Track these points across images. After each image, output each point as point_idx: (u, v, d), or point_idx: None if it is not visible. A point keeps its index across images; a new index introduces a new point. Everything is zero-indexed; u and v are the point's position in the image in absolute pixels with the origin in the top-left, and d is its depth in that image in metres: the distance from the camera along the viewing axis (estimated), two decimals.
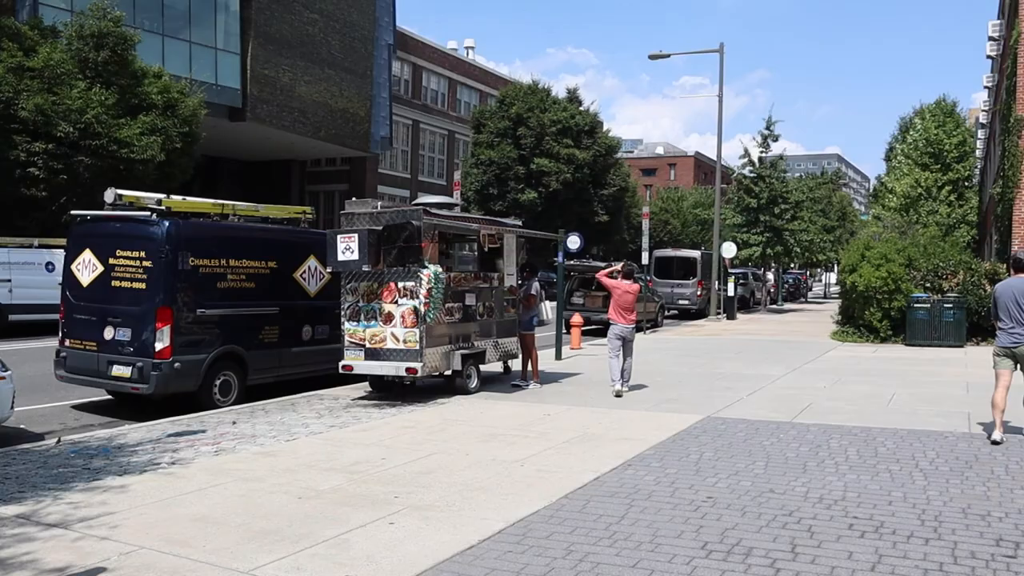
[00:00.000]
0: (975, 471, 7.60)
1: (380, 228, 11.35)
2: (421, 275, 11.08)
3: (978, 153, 47.04)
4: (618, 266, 13.10)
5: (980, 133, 46.81)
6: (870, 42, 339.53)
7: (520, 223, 14.48)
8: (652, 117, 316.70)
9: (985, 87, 40.96)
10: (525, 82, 45.84)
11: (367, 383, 12.39)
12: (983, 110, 44.52)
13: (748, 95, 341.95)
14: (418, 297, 11.10)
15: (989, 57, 35.50)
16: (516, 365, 13.86)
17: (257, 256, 11.77)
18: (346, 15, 35.67)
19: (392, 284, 11.31)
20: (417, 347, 11.13)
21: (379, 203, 12.04)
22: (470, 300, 12.33)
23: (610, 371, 12.41)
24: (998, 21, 32.25)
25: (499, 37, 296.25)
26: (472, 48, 57.59)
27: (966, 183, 47.44)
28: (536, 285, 13.57)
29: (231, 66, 30.58)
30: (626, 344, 12.27)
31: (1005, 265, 21.34)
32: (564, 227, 28.29)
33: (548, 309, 14.20)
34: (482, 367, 12.66)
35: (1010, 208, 21.51)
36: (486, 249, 12.84)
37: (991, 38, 33.30)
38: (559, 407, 11.06)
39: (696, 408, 10.94)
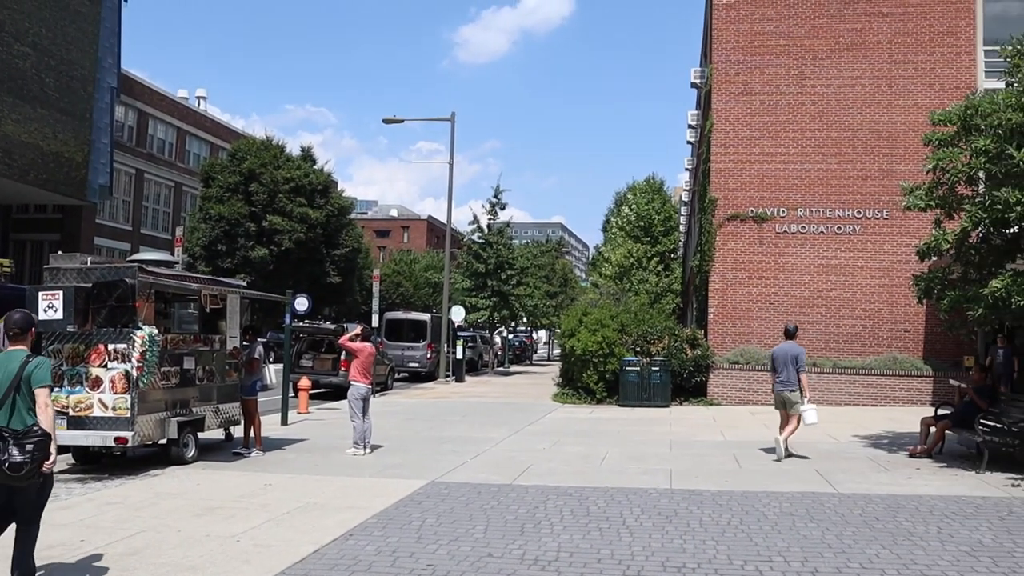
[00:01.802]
0: (674, 525, 8.20)
1: (89, 285, 10.60)
2: (134, 337, 10.42)
3: (681, 228, 51.87)
4: (358, 330, 13.54)
5: (683, 210, 51.76)
6: (593, 120, 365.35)
7: (245, 283, 14.10)
8: (389, 179, 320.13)
9: (687, 169, 45.45)
10: (259, 137, 44.95)
11: (70, 455, 11.37)
12: (685, 189, 49.34)
13: (481, 163, 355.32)
14: (130, 360, 10.41)
15: (689, 143, 39.43)
16: (238, 432, 13.33)
17: None
18: (64, 52, 33.26)
19: (101, 346, 10.54)
20: (128, 415, 10.40)
21: (89, 258, 11.26)
22: (189, 364, 11.74)
23: (354, 433, 12.71)
24: (696, 111, 35.95)
25: (236, 89, 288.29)
26: (204, 98, 55.59)
27: (671, 255, 52.08)
28: (260, 348, 13.22)
29: None
30: (366, 404, 12.80)
31: (703, 331, 23.50)
32: (296, 286, 27.77)
33: (272, 373, 13.85)
34: (201, 434, 12.08)
35: (707, 279, 23.79)
36: (208, 310, 12.33)
37: (690, 126, 37.06)
38: (282, 475, 10.74)
39: (421, 473, 11.03)
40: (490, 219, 37.66)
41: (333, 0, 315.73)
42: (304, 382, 19.40)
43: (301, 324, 24.16)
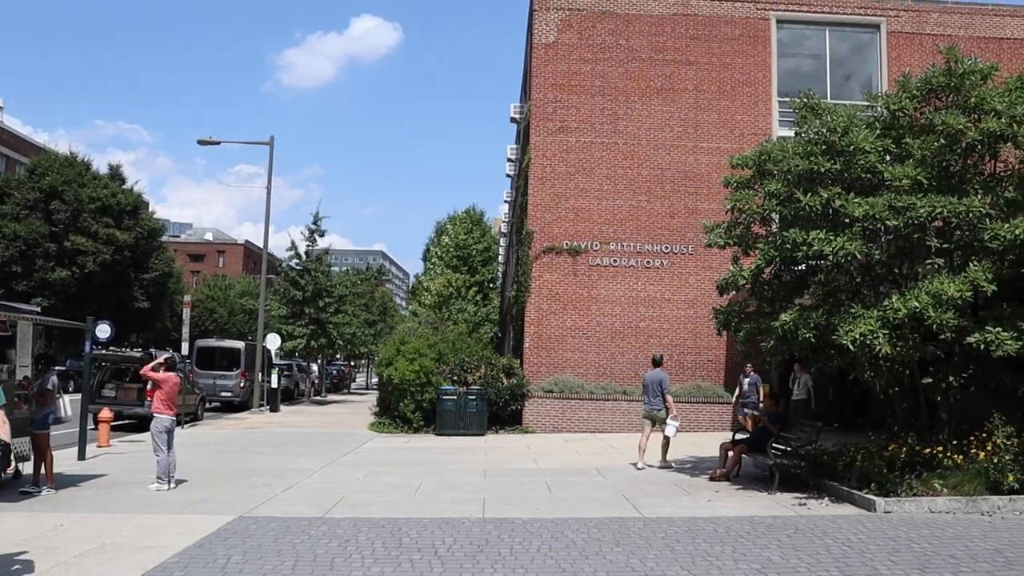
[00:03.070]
0: (485, 554, 8.29)
1: None
2: None
3: (500, 259, 52.81)
4: (163, 358, 13.04)
5: (502, 241, 52.78)
6: (416, 150, 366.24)
7: (39, 309, 13.22)
8: (206, 202, 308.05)
9: (506, 201, 46.46)
10: (62, 152, 42.43)
11: None
12: (504, 221, 50.34)
13: (304, 188, 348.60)
14: None
15: (509, 176, 40.36)
16: (28, 469, 12.41)
17: None
18: None
19: None
20: None
21: None
22: None
23: (158, 467, 12.17)
24: (515, 146, 36.86)
25: (39, 101, 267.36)
26: (0, 108, 51.95)
27: (490, 285, 52.93)
28: (53, 379, 12.41)
29: None
30: (171, 436, 12.34)
31: (519, 360, 23.94)
32: (101, 311, 26.29)
33: (67, 405, 13.02)
34: None
35: (523, 310, 24.27)
36: None
37: (510, 159, 37.97)
38: (76, 515, 10.09)
39: (228, 508, 10.64)
40: (309, 245, 37.12)
41: (153, 13, 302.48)
42: (105, 413, 18.31)
43: (104, 352, 22.86)
